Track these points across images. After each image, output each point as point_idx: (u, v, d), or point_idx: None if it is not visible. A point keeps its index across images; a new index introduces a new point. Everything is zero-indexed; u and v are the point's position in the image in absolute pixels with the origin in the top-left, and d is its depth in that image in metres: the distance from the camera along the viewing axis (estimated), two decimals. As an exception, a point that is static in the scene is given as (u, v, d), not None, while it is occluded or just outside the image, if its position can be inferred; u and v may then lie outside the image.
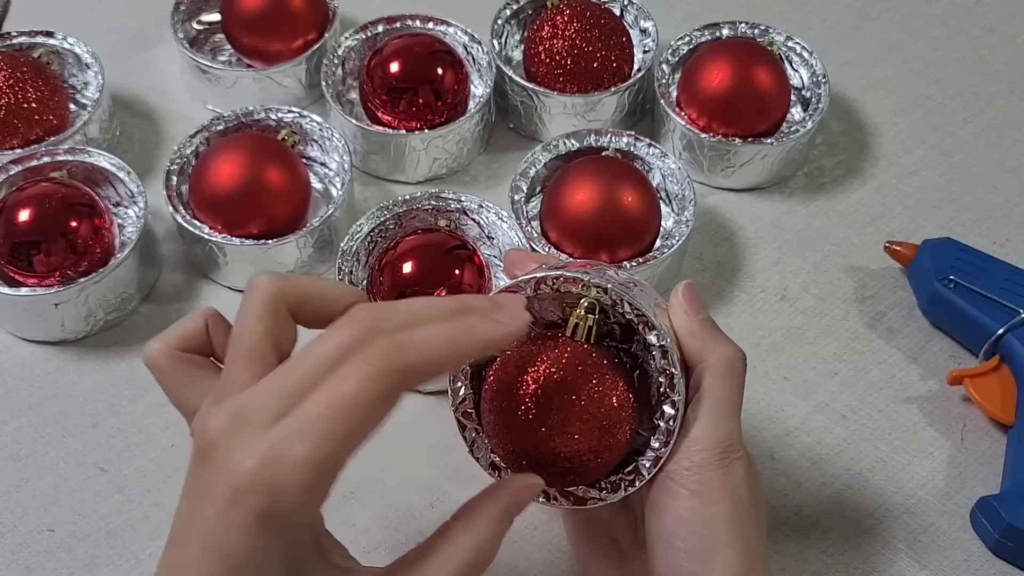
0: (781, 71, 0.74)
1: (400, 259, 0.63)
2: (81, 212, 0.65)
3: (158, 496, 0.60)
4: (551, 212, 0.67)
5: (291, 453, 0.39)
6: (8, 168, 0.68)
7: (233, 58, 0.80)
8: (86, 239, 0.65)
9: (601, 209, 0.66)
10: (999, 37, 0.84)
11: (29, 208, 0.64)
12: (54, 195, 0.65)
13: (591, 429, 0.48)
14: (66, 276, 0.65)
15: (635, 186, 0.67)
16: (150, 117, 0.79)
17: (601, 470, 0.49)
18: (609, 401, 0.48)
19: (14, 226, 0.64)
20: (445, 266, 0.63)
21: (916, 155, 0.76)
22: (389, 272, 0.63)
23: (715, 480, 0.47)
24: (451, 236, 0.65)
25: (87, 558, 0.58)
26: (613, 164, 0.68)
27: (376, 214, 0.67)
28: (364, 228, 0.66)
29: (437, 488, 0.61)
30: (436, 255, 0.63)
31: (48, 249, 0.64)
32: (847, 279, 0.70)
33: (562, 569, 0.57)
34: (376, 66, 0.73)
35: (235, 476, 0.39)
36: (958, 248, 0.66)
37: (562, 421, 0.48)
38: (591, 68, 0.74)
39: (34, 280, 0.65)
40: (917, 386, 0.65)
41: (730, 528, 0.47)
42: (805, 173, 0.75)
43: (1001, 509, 0.56)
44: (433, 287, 0.61)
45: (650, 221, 0.67)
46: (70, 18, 0.85)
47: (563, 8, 0.75)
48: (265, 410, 0.40)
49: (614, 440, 0.48)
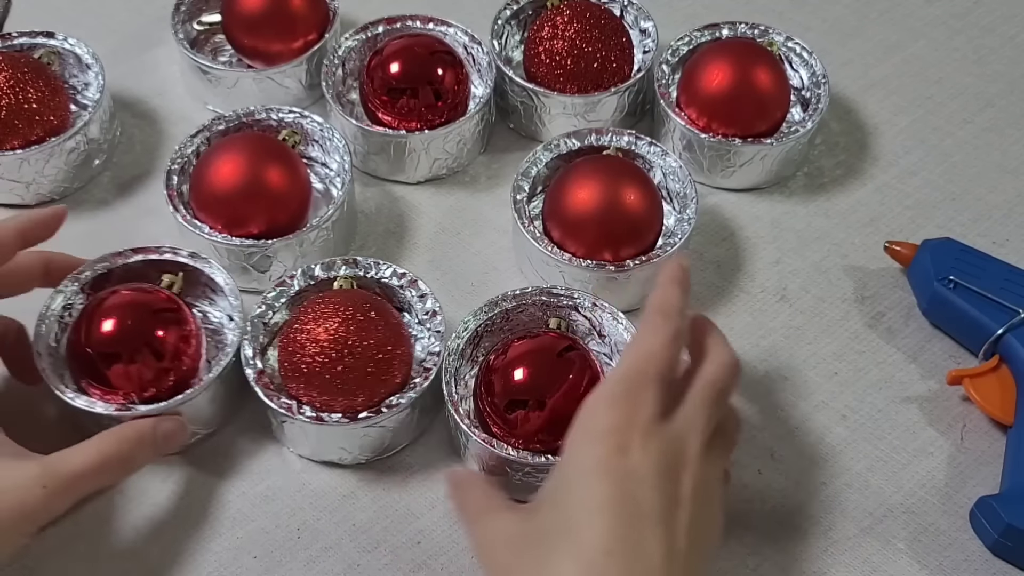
0: (781, 71, 0.74)
1: (511, 365, 0.59)
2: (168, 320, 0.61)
3: (158, 496, 0.60)
4: (553, 211, 0.67)
5: None
6: (127, 255, 0.65)
7: (233, 59, 0.80)
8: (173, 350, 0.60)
9: (603, 208, 0.66)
10: (999, 37, 0.84)
11: (113, 318, 0.60)
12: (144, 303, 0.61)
13: None
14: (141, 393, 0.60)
15: (637, 185, 0.67)
16: (151, 117, 0.79)
17: None
18: None
19: (95, 337, 0.60)
20: (557, 370, 0.59)
21: (916, 155, 0.76)
22: (500, 378, 0.59)
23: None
24: (561, 338, 0.61)
25: (87, 558, 0.58)
26: (615, 163, 0.68)
27: (484, 310, 0.63)
28: (471, 325, 0.63)
29: (436, 488, 0.61)
30: (547, 360, 0.59)
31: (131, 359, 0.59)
32: (847, 279, 0.70)
33: (562, 569, 0.57)
34: (376, 66, 0.73)
35: None
36: (958, 248, 0.66)
37: None
38: (591, 68, 0.74)
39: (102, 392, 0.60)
40: (917, 386, 0.65)
41: None
42: (805, 173, 0.75)
43: (1000, 509, 0.56)
44: (545, 394, 0.58)
45: (652, 219, 0.67)
46: (71, 19, 0.85)
47: (563, 9, 0.75)
48: None
49: None
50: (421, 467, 0.61)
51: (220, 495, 0.60)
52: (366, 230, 0.72)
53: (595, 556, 0.45)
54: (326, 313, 0.59)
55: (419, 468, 0.61)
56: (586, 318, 0.64)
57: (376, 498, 0.60)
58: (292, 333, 0.60)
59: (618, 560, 0.45)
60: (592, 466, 0.47)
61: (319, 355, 0.58)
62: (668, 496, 0.47)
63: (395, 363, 0.60)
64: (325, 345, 0.58)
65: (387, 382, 0.60)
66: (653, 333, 0.51)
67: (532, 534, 0.48)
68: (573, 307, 0.64)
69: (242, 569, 0.58)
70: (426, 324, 0.63)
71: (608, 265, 0.65)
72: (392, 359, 0.60)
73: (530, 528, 0.49)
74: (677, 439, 0.48)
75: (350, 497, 0.60)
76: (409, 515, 0.60)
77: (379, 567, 0.58)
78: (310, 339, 0.59)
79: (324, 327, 0.59)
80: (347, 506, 0.60)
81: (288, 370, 0.60)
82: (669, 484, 0.47)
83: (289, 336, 0.60)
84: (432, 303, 0.63)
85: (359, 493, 0.60)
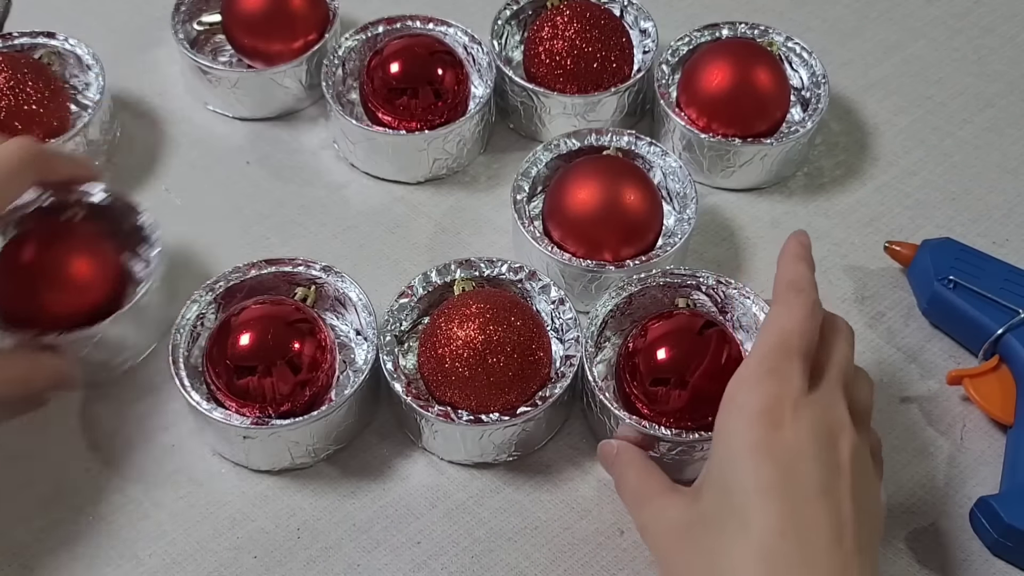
0: (781, 71, 0.74)
1: (653, 345, 0.59)
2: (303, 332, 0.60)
3: (158, 496, 0.60)
4: (553, 211, 0.67)
5: None
6: (260, 266, 0.64)
7: (234, 59, 0.80)
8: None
9: (603, 208, 0.66)
10: (999, 37, 0.84)
11: (251, 331, 0.59)
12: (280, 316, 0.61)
13: None
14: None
15: (637, 185, 0.67)
16: (151, 118, 0.79)
17: None
18: None
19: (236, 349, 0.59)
20: (698, 347, 0.59)
21: (916, 155, 0.76)
22: (644, 359, 0.59)
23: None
24: (697, 316, 0.61)
25: (87, 558, 0.58)
26: (614, 163, 0.68)
27: (613, 294, 0.63)
28: (601, 312, 0.62)
29: (437, 487, 0.61)
30: (688, 338, 0.59)
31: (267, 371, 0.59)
32: (847, 279, 0.70)
33: (562, 568, 0.57)
34: (376, 67, 0.73)
35: None
36: (958, 248, 0.66)
37: None
38: (591, 69, 0.74)
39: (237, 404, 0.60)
40: (917, 386, 0.65)
41: None
42: (805, 173, 0.75)
43: (1000, 509, 0.56)
44: (686, 373, 0.58)
45: (652, 219, 0.67)
46: (71, 19, 0.85)
47: (563, 9, 0.75)
48: None
49: None
50: (422, 467, 0.62)
51: (221, 495, 0.60)
52: (366, 230, 0.72)
53: (769, 539, 0.46)
54: (468, 315, 0.60)
55: (420, 468, 0.61)
56: (709, 296, 0.64)
57: (376, 498, 0.60)
58: (437, 339, 0.60)
59: (791, 540, 0.46)
60: (750, 447, 0.48)
61: (471, 358, 0.59)
62: (828, 465, 0.48)
63: (543, 356, 0.61)
64: (476, 347, 0.59)
65: (537, 376, 0.60)
66: (789, 309, 0.52)
67: (700, 520, 0.50)
68: (696, 286, 0.64)
69: (242, 569, 0.58)
70: (557, 313, 0.63)
71: (608, 265, 0.65)
72: (540, 351, 0.60)
73: (697, 514, 0.50)
74: (827, 408, 0.50)
75: (350, 497, 0.60)
76: (409, 515, 0.60)
77: (379, 567, 0.58)
78: (459, 343, 0.59)
79: (469, 329, 0.59)
80: (347, 506, 0.60)
81: (438, 376, 0.60)
82: (826, 453, 0.49)
83: (434, 343, 0.60)
84: (556, 293, 0.64)
85: (359, 493, 0.60)
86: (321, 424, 0.59)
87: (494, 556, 0.58)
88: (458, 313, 0.60)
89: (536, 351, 0.60)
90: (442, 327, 0.60)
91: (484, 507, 0.60)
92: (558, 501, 0.60)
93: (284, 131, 0.78)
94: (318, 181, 0.75)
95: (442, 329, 0.60)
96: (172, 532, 0.59)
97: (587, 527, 0.59)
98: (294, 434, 0.59)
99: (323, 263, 0.65)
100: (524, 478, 0.61)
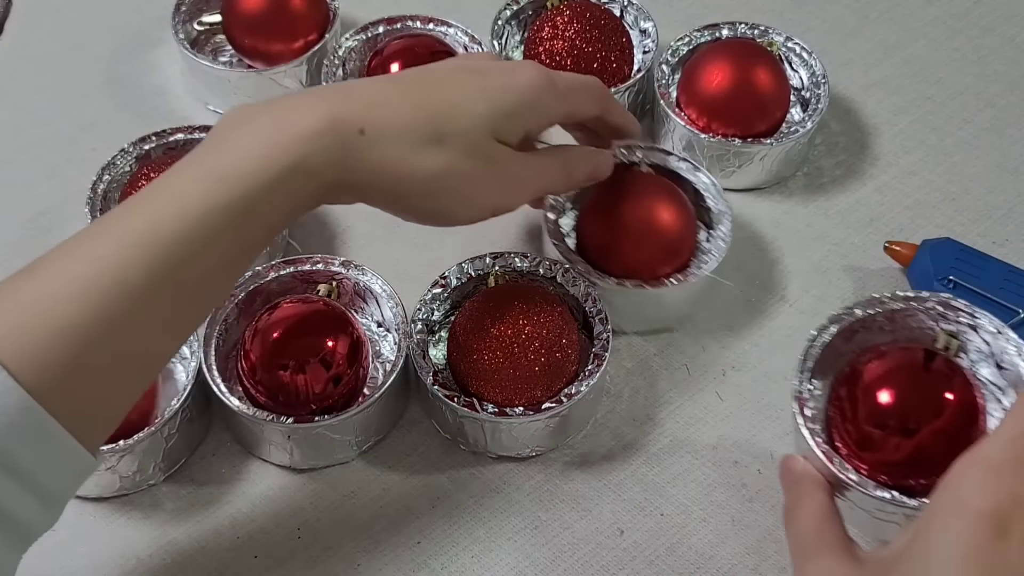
0: (781, 71, 0.74)
1: (874, 385, 0.53)
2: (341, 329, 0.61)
3: (158, 497, 0.60)
4: (588, 231, 0.67)
5: None
6: (281, 267, 0.64)
7: (234, 59, 0.80)
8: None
9: (639, 229, 0.65)
10: (998, 37, 0.84)
11: (281, 329, 0.60)
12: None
13: None
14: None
15: (671, 203, 0.66)
16: (151, 118, 0.78)
17: None
18: None
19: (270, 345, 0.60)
20: (928, 392, 0.53)
21: (915, 155, 0.76)
22: (864, 394, 0.53)
23: None
24: (949, 367, 0.54)
25: (87, 558, 0.58)
26: (649, 181, 0.67)
27: (865, 305, 0.57)
28: (826, 334, 0.57)
29: (437, 487, 0.61)
30: (915, 378, 0.53)
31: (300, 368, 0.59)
32: (847, 279, 0.70)
33: (562, 568, 0.58)
34: (377, 67, 0.73)
35: None
36: (957, 248, 0.66)
37: None
38: (591, 69, 0.74)
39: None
40: (917, 386, 0.65)
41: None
42: (805, 173, 0.75)
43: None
44: (910, 421, 0.52)
45: (687, 237, 0.66)
46: (71, 18, 0.85)
47: (563, 9, 0.75)
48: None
49: None
50: (422, 467, 0.62)
51: (220, 495, 0.60)
52: (367, 230, 0.72)
53: None
54: (499, 307, 0.60)
55: (420, 468, 0.62)
56: (986, 342, 0.56)
57: (376, 498, 0.60)
58: (468, 332, 0.60)
59: None
60: (963, 553, 0.40)
61: (499, 350, 0.59)
62: None
63: (571, 352, 0.60)
64: (505, 341, 0.59)
65: (564, 372, 0.60)
66: None
67: None
68: (972, 326, 0.56)
69: (242, 569, 0.58)
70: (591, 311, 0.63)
71: (645, 285, 0.64)
72: (569, 347, 0.60)
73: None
74: None
75: (350, 497, 0.60)
76: (409, 515, 0.60)
77: (379, 567, 0.58)
78: (490, 335, 0.59)
79: (499, 321, 0.59)
80: (347, 506, 0.60)
81: (466, 369, 0.60)
82: None
83: (463, 336, 0.60)
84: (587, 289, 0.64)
85: (359, 493, 0.60)
86: (359, 419, 0.59)
87: (494, 556, 0.58)
88: (489, 305, 0.60)
89: (565, 347, 0.60)
90: (474, 318, 0.60)
91: (484, 507, 0.60)
92: (558, 501, 0.60)
93: (284, 131, 0.78)
94: (318, 181, 0.75)
95: (473, 323, 0.60)
96: (172, 532, 0.59)
97: (587, 527, 0.59)
98: (335, 429, 0.59)
99: (342, 258, 0.65)
100: (524, 478, 0.61)
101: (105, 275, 0.44)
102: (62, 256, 0.45)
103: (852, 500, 0.53)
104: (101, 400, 0.45)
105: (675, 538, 0.59)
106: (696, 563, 0.58)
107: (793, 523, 0.51)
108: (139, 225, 0.46)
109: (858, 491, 0.52)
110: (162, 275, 0.45)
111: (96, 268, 0.44)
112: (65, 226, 0.72)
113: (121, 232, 0.46)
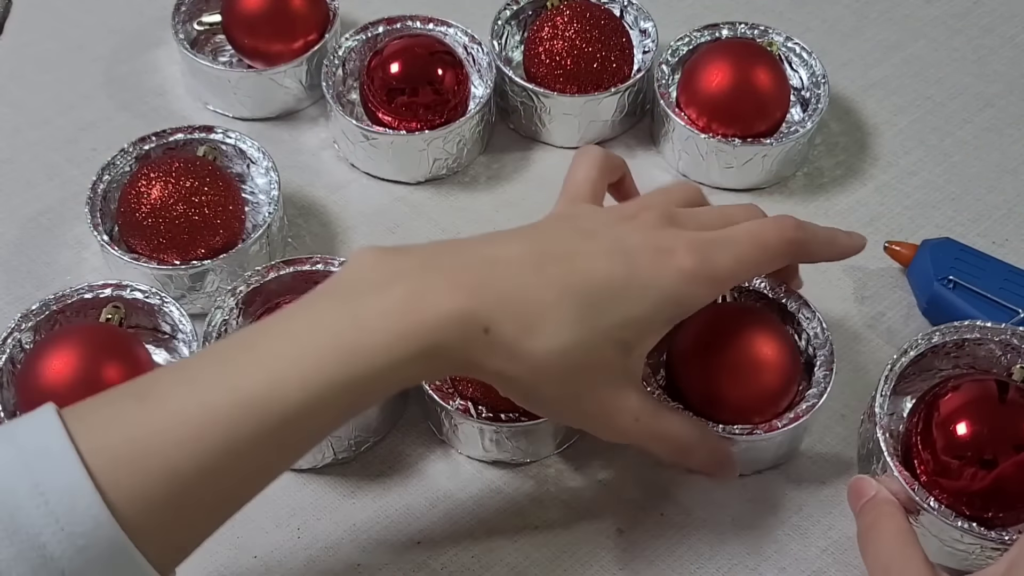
0: (780, 71, 0.74)
1: (953, 417, 0.53)
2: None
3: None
4: (689, 384, 0.60)
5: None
6: (281, 267, 0.65)
7: (234, 59, 0.80)
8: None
9: (732, 368, 0.58)
10: (998, 37, 0.84)
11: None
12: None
13: None
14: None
15: (770, 340, 0.59)
16: (151, 118, 0.79)
17: None
18: None
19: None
20: (1005, 422, 0.53)
21: (915, 155, 0.76)
22: (942, 431, 0.53)
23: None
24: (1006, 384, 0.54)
25: (88, 558, 0.58)
26: (746, 313, 0.61)
27: (931, 334, 0.58)
28: (909, 355, 0.58)
29: (437, 487, 0.61)
30: (992, 408, 0.53)
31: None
32: (847, 279, 0.70)
33: (562, 568, 0.58)
34: (376, 67, 0.73)
35: None
36: (957, 248, 0.66)
37: None
38: (591, 69, 0.74)
39: None
40: (917, 386, 0.65)
41: None
42: (805, 173, 0.75)
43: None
44: (987, 451, 0.52)
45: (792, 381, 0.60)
46: (71, 18, 0.85)
47: (563, 9, 0.75)
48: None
49: None
50: (422, 466, 0.62)
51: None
52: (367, 230, 0.72)
53: None
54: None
55: (420, 467, 0.62)
56: None
57: (376, 498, 0.60)
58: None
59: None
60: None
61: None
62: None
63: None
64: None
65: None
66: None
67: None
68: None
69: (242, 569, 0.58)
70: None
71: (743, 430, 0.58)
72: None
73: None
74: None
75: (350, 497, 0.60)
76: (409, 515, 0.60)
77: (379, 567, 0.58)
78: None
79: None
80: (347, 506, 0.60)
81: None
82: None
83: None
84: None
85: (359, 493, 0.61)
86: (362, 417, 0.59)
87: (494, 556, 0.58)
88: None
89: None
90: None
91: (484, 507, 0.60)
92: (558, 501, 0.60)
93: (284, 131, 0.78)
94: (318, 181, 0.75)
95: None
96: (172, 532, 0.59)
97: (587, 527, 0.59)
98: None
99: (341, 258, 0.65)
100: (524, 478, 0.61)
101: (217, 428, 0.44)
102: (175, 391, 0.45)
103: (925, 526, 0.53)
104: (188, 537, 0.46)
105: (675, 538, 0.59)
106: (696, 563, 0.58)
107: (872, 544, 0.50)
108: (259, 382, 0.45)
109: (939, 520, 0.52)
110: (271, 440, 0.45)
111: (210, 418, 0.44)
112: (65, 226, 0.72)
113: (237, 386, 0.45)
